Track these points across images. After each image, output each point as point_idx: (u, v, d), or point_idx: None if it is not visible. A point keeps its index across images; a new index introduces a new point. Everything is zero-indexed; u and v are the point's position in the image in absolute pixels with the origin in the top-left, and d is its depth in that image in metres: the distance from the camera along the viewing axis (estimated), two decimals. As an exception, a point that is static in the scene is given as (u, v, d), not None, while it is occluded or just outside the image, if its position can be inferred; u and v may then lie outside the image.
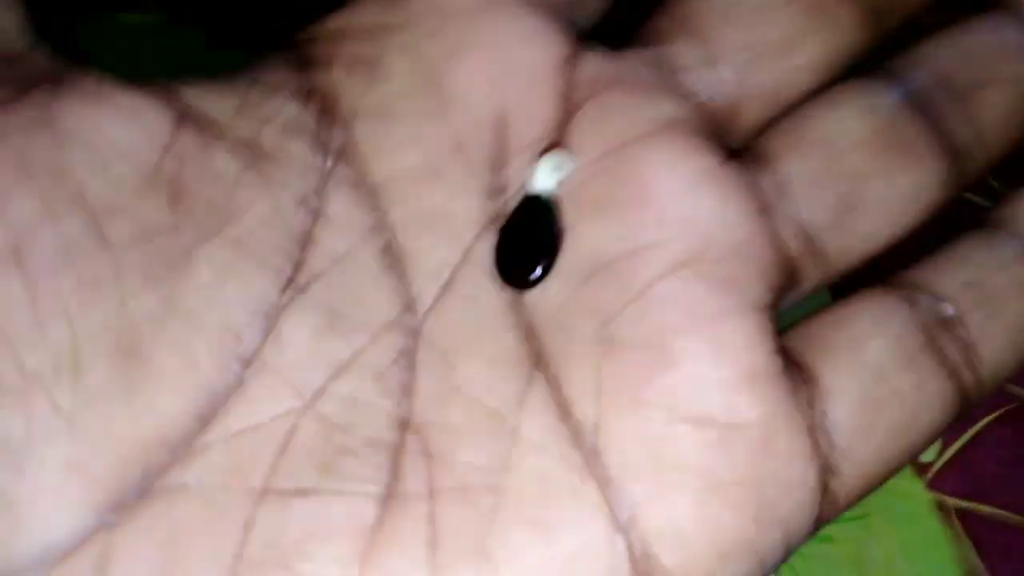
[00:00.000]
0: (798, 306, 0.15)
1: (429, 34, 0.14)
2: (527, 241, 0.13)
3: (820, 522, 0.13)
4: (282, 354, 0.12)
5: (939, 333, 0.14)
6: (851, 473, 0.13)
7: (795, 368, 0.13)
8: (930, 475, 0.23)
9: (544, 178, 0.14)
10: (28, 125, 0.12)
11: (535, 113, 0.14)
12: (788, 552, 0.13)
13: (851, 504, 0.14)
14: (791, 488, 0.13)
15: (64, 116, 0.12)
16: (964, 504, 0.23)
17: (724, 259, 0.13)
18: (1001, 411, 0.23)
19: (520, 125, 0.14)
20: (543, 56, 0.14)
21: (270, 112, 0.13)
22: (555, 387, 0.13)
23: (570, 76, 0.14)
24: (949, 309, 0.14)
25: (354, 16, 0.14)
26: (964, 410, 0.14)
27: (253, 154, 0.13)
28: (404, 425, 0.12)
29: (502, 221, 0.14)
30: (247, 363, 0.12)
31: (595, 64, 0.14)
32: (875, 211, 0.14)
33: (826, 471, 0.13)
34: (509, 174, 0.14)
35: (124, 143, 0.12)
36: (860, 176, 0.14)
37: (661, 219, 0.13)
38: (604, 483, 0.12)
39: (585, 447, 0.12)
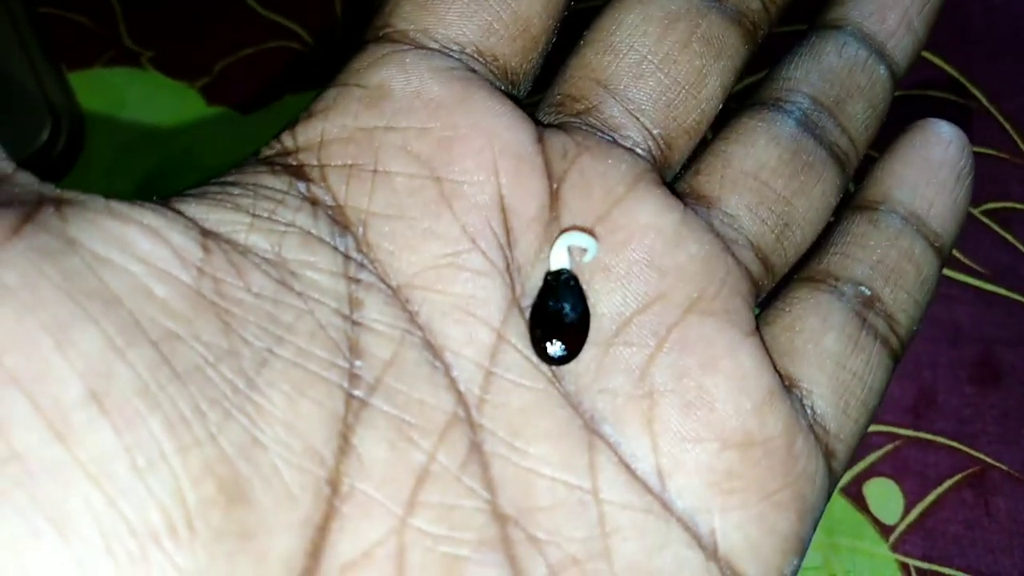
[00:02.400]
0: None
1: (418, 132, 0.14)
2: (559, 318, 0.14)
3: (827, 500, 0.15)
4: (366, 474, 0.12)
5: (866, 312, 0.16)
6: (841, 450, 0.16)
7: (781, 376, 0.15)
8: (894, 537, 0.23)
9: (562, 257, 0.14)
10: (51, 249, 0.11)
11: (528, 191, 0.15)
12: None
13: (839, 478, 0.16)
14: (813, 480, 0.15)
15: (88, 238, 0.11)
16: (926, 566, 0.23)
17: (718, 295, 0.15)
18: (962, 475, 0.24)
19: (518, 204, 0.14)
20: (522, 138, 0.15)
21: (284, 225, 0.13)
22: (614, 447, 0.14)
23: (545, 152, 0.15)
24: (867, 290, 0.16)
25: (335, 122, 0.14)
26: (895, 367, 0.17)
27: (280, 270, 0.13)
28: (501, 518, 0.13)
29: (530, 300, 0.14)
30: (336, 488, 0.12)
31: (558, 137, 0.15)
32: (803, 224, 0.17)
33: (828, 456, 0.15)
34: (519, 253, 0.14)
35: (159, 264, 0.12)
36: (786, 199, 0.16)
37: (661, 271, 0.15)
38: (684, 521, 0.14)
39: (656, 493, 0.14)
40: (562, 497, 0.13)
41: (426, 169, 0.14)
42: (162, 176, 0.29)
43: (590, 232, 0.15)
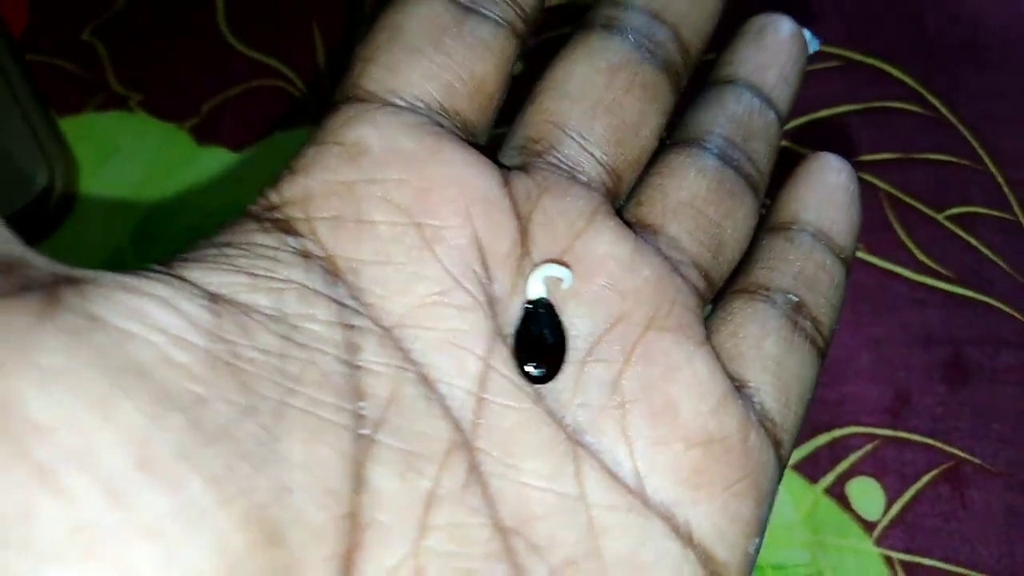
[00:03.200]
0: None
1: (397, 183, 0.16)
2: (540, 342, 0.16)
3: (778, 485, 0.18)
4: (380, 505, 0.13)
5: (796, 317, 0.18)
6: (786, 439, 0.18)
7: (731, 379, 0.17)
8: (877, 532, 0.25)
9: (538, 287, 0.16)
10: (80, 328, 0.12)
11: (500, 231, 0.16)
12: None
13: (786, 464, 0.18)
14: (766, 469, 0.17)
15: (110, 314, 0.12)
16: (909, 558, 0.24)
17: (672, 313, 0.17)
18: (938, 470, 0.25)
19: (492, 244, 0.16)
20: (491, 184, 0.16)
21: (281, 282, 0.14)
22: (596, 455, 0.15)
23: (512, 195, 0.17)
24: (794, 298, 0.19)
25: (318, 178, 0.16)
26: (823, 364, 0.19)
27: (283, 325, 0.14)
28: (503, 531, 0.14)
29: (510, 329, 0.16)
30: (356, 521, 0.13)
31: (522, 180, 0.17)
32: (732, 243, 0.19)
33: (776, 445, 0.17)
34: (497, 287, 0.16)
35: (176, 333, 0.13)
36: (717, 223, 0.19)
37: (622, 294, 0.16)
38: (662, 515, 0.15)
39: (637, 493, 0.15)
40: (554, 505, 0.15)
41: (407, 217, 0.15)
42: (158, 216, 0.30)
43: (564, 264, 0.16)
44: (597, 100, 0.18)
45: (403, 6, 0.17)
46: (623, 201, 0.19)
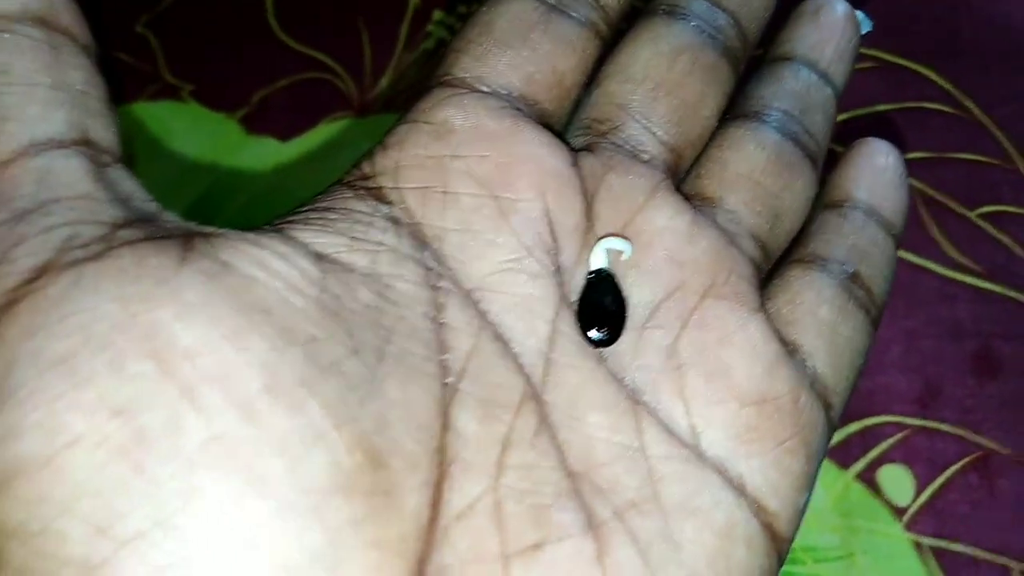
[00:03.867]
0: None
1: (479, 159, 0.17)
2: (602, 309, 0.17)
3: (828, 444, 0.18)
4: (463, 444, 0.15)
5: (850, 286, 0.19)
6: (837, 403, 0.19)
7: (784, 343, 0.18)
8: (907, 518, 0.25)
9: (601, 258, 0.17)
10: (214, 272, 0.13)
11: (569, 206, 0.17)
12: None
13: (835, 426, 0.19)
14: (816, 428, 0.18)
15: (238, 261, 0.14)
16: (938, 543, 0.25)
17: (728, 281, 0.18)
18: (968, 459, 0.26)
19: (561, 218, 0.17)
20: (562, 162, 0.18)
21: (375, 244, 0.16)
22: (654, 413, 0.17)
23: (580, 173, 0.18)
24: (849, 268, 0.19)
25: (408, 152, 0.17)
26: (875, 332, 0.20)
27: (377, 283, 0.15)
28: (571, 474, 0.15)
29: (575, 297, 0.17)
30: (443, 455, 0.14)
31: (588, 160, 0.18)
32: (790, 214, 0.20)
33: (827, 408, 0.18)
34: (564, 258, 0.17)
35: (290, 282, 0.14)
36: (775, 194, 0.20)
37: (680, 264, 0.18)
38: (716, 468, 0.16)
39: (692, 447, 0.16)
40: (617, 454, 0.16)
41: (487, 190, 0.17)
42: (208, 203, 0.31)
43: (624, 237, 0.17)
44: (659, 82, 0.19)
45: (494, 4, 0.19)
46: (684, 175, 0.20)
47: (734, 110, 0.21)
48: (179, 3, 0.35)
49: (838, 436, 0.26)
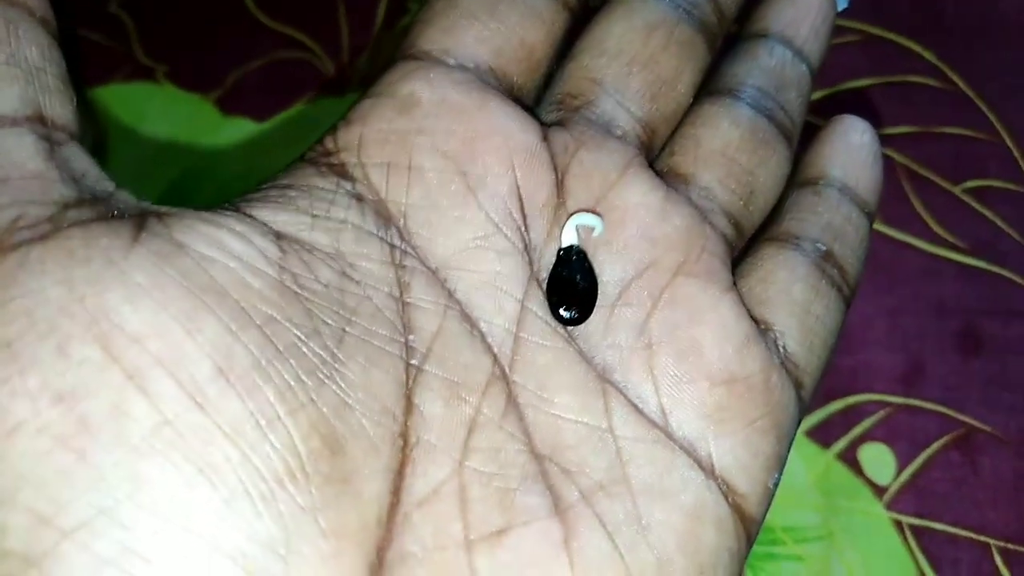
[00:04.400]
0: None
1: (445, 133, 0.17)
2: (572, 286, 0.17)
3: (799, 424, 0.18)
4: (427, 427, 0.14)
5: (824, 265, 0.19)
6: (808, 382, 0.18)
7: (756, 322, 0.18)
8: (888, 497, 0.25)
9: (572, 234, 0.17)
10: (166, 252, 0.13)
11: (539, 181, 0.17)
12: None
13: (807, 407, 0.19)
14: (787, 408, 0.17)
15: (193, 242, 0.14)
16: (918, 522, 0.25)
17: (700, 259, 0.17)
18: (950, 436, 0.26)
19: (531, 193, 0.17)
20: (531, 137, 0.17)
21: (338, 223, 0.15)
22: (623, 392, 0.16)
23: (551, 147, 0.17)
24: (822, 247, 0.19)
25: (372, 127, 0.17)
26: (847, 311, 0.20)
27: (340, 262, 0.15)
28: (538, 457, 0.15)
29: (545, 274, 0.17)
30: (406, 440, 0.14)
31: (560, 134, 0.18)
32: (764, 191, 0.20)
33: (798, 387, 0.18)
34: (534, 234, 0.17)
35: (250, 261, 0.14)
36: (749, 171, 0.19)
37: (652, 241, 0.17)
38: (685, 448, 0.16)
39: (661, 427, 0.16)
40: (585, 436, 0.16)
41: (453, 165, 0.16)
42: (183, 185, 0.30)
43: (596, 213, 0.17)
44: (634, 57, 0.19)
45: None
46: (658, 153, 0.20)
47: (708, 87, 0.21)
48: (153, -18, 0.34)
49: (820, 415, 0.26)
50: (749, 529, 0.17)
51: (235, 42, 0.33)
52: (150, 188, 0.30)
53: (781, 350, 0.18)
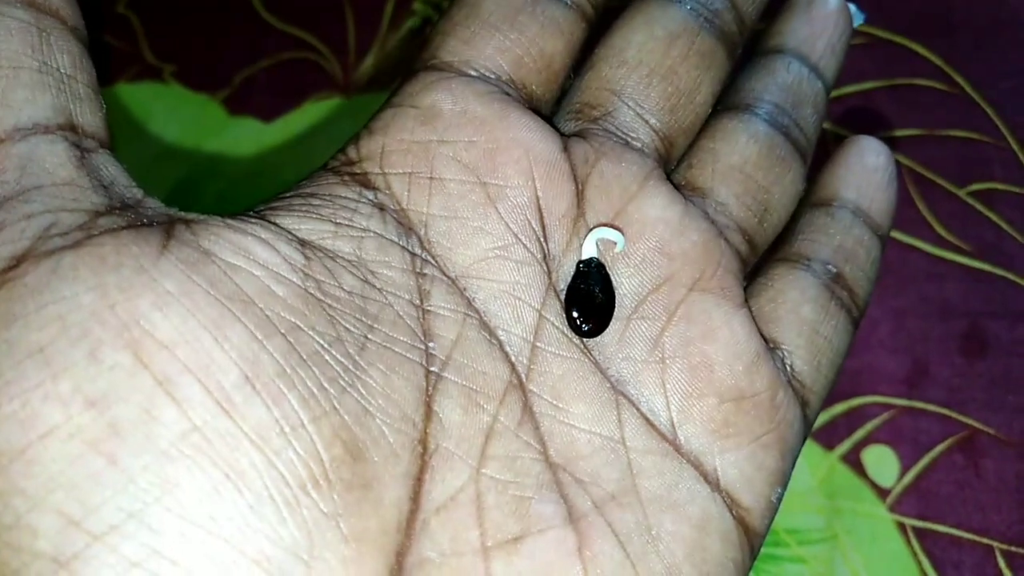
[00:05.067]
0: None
1: (466, 144, 0.17)
2: (591, 299, 0.17)
3: (804, 441, 0.19)
4: (446, 434, 0.15)
5: (834, 287, 0.19)
6: (814, 400, 0.19)
7: (765, 340, 0.18)
8: (891, 499, 0.25)
9: (592, 248, 0.17)
10: (194, 260, 0.13)
11: (559, 192, 0.17)
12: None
13: (812, 423, 0.19)
14: (793, 425, 0.18)
15: (219, 250, 0.14)
16: (922, 524, 0.25)
17: (716, 275, 0.18)
18: (953, 439, 0.26)
19: (551, 204, 0.17)
20: (552, 148, 0.17)
21: (360, 231, 0.15)
22: (636, 404, 0.17)
23: (571, 159, 0.18)
24: (833, 268, 0.20)
25: (394, 137, 0.17)
26: (855, 332, 0.20)
27: (362, 270, 0.15)
28: (552, 466, 0.15)
29: (563, 285, 0.17)
30: (425, 446, 0.14)
31: (580, 146, 0.18)
32: (778, 208, 0.20)
33: (803, 405, 0.18)
34: (553, 245, 0.17)
35: (275, 269, 0.14)
36: (765, 188, 0.19)
37: (670, 256, 0.17)
38: (692, 462, 0.16)
39: (670, 440, 0.16)
40: (598, 446, 0.16)
41: (474, 176, 0.17)
42: (191, 184, 0.31)
43: (618, 229, 0.17)
44: (653, 68, 0.19)
45: None
46: (675, 165, 0.20)
47: (726, 100, 0.21)
48: (161, -18, 0.34)
49: (824, 417, 0.26)
50: (753, 541, 0.17)
51: (242, 42, 0.33)
52: (158, 187, 0.30)
53: (788, 369, 0.18)
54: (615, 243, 0.17)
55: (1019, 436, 0.25)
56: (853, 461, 0.26)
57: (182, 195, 0.30)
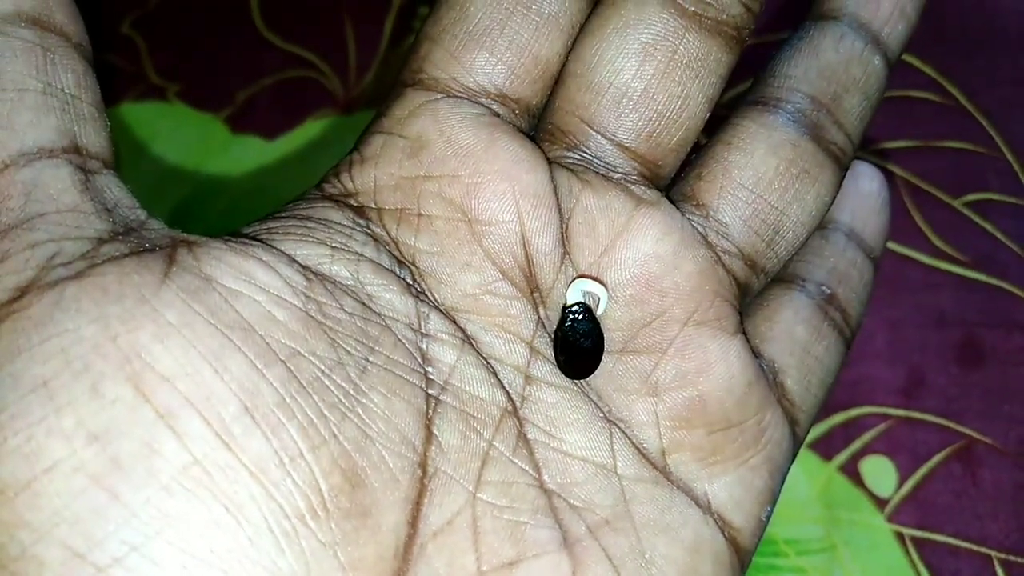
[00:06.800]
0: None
1: (451, 179, 0.16)
2: (577, 346, 0.17)
3: (793, 459, 0.19)
4: (445, 458, 0.15)
5: (827, 308, 0.20)
6: (803, 419, 0.19)
7: (758, 357, 0.18)
8: (889, 509, 0.25)
9: (577, 294, 0.17)
10: (195, 288, 0.13)
11: (545, 228, 0.17)
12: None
13: (802, 441, 0.19)
14: (782, 445, 0.18)
15: (220, 275, 0.14)
16: (920, 534, 0.25)
17: (711, 307, 0.17)
18: (950, 449, 0.26)
19: (537, 240, 0.17)
20: (537, 179, 0.17)
21: (356, 256, 0.16)
22: (627, 433, 0.17)
23: (556, 188, 0.17)
24: (827, 290, 0.20)
25: (384, 170, 0.17)
26: (847, 352, 0.20)
27: (361, 294, 0.15)
28: (547, 492, 0.16)
29: (552, 315, 0.17)
30: (424, 470, 0.14)
31: (563, 175, 0.17)
32: (794, 227, 0.18)
33: (793, 423, 0.18)
34: (540, 280, 0.17)
35: (276, 292, 0.14)
36: (780, 209, 0.18)
37: (662, 293, 0.17)
38: (683, 488, 0.17)
39: (660, 468, 0.17)
40: (591, 473, 0.16)
41: (459, 212, 0.16)
42: (194, 202, 0.31)
43: (601, 282, 0.17)
44: (624, 92, 0.17)
45: None
46: (683, 172, 0.18)
47: (754, 90, 0.18)
48: (165, 3, 0.35)
49: (821, 428, 0.26)
50: (743, 560, 0.17)
51: (245, 61, 0.33)
52: (161, 205, 0.31)
53: (779, 387, 0.19)
54: (599, 297, 0.17)
55: (1016, 445, 0.25)
56: (851, 471, 0.26)
57: (186, 213, 0.31)
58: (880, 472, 0.26)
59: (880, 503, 0.25)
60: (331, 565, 0.13)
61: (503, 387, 0.16)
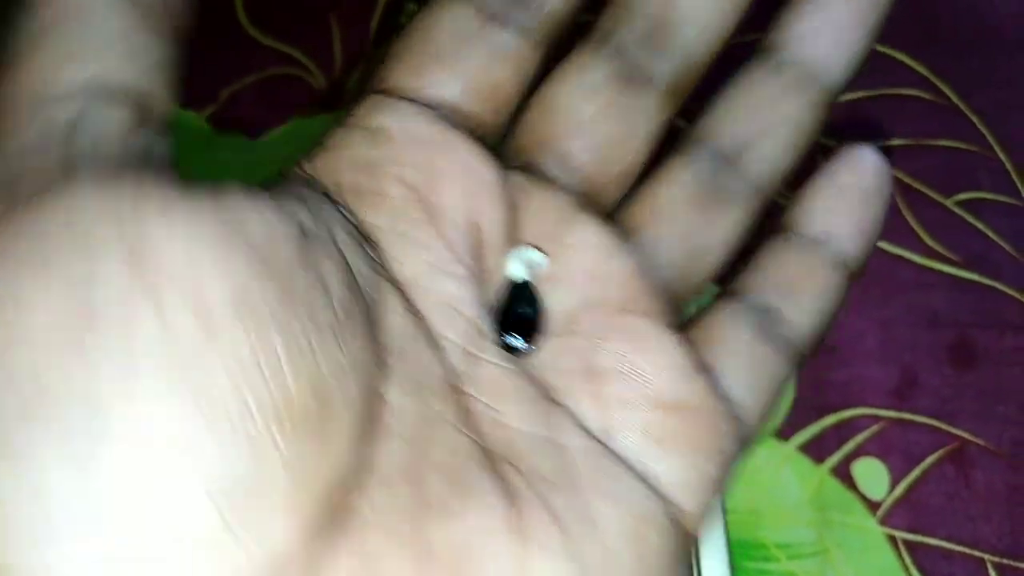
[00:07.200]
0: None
1: (411, 165, 0.18)
2: (519, 318, 0.17)
3: (738, 458, 0.19)
4: (396, 417, 0.15)
5: (771, 323, 0.19)
6: (748, 420, 0.19)
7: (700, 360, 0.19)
8: (881, 512, 0.25)
9: (519, 268, 0.18)
10: (208, 205, 0.14)
11: (495, 216, 0.18)
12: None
13: (752, 441, 0.19)
14: (728, 437, 0.18)
15: (235, 203, 0.14)
16: (912, 537, 0.25)
17: (643, 299, 0.18)
18: (943, 450, 0.26)
19: (486, 225, 0.18)
20: (491, 174, 0.18)
21: (329, 227, 0.16)
22: (570, 412, 0.17)
23: (507, 185, 0.18)
24: (775, 303, 0.19)
25: (345, 156, 0.18)
26: (799, 365, 0.20)
27: (341, 255, 0.16)
28: (491, 454, 0.16)
29: (494, 303, 0.18)
30: (378, 422, 0.15)
31: (515, 174, 0.19)
32: (715, 249, 0.20)
33: (739, 423, 0.18)
34: (488, 262, 0.18)
35: (281, 230, 0.14)
36: (698, 232, 0.20)
37: (601, 280, 0.18)
38: (630, 464, 0.17)
39: (607, 445, 0.17)
40: (536, 444, 0.17)
41: (416, 194, 0.17)
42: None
43: (541, 249, 0.18)
44: (575, 123, 0.20)
45: (433, 12, 0.19)
46: (621, 203, 0.20)
47: (694, 128, 0.20)
48: (147, -1, 0.34)
49: (813, 430, 0.26)
50: (688, 545, 0.18)
51: (228, 58, 0.33)
52: (143, 205, 0.30)
53: (724, 390, 0.18)
54: (540, 264, 0.18)
55: (1009, 447, 0.25)
56: (843, 474, 0.25)
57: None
58: (872, 474, 0.25)
59: (872, 506, 0.25)
60: (282, 476, 0.13)
61: (449, 362, 0.17)
